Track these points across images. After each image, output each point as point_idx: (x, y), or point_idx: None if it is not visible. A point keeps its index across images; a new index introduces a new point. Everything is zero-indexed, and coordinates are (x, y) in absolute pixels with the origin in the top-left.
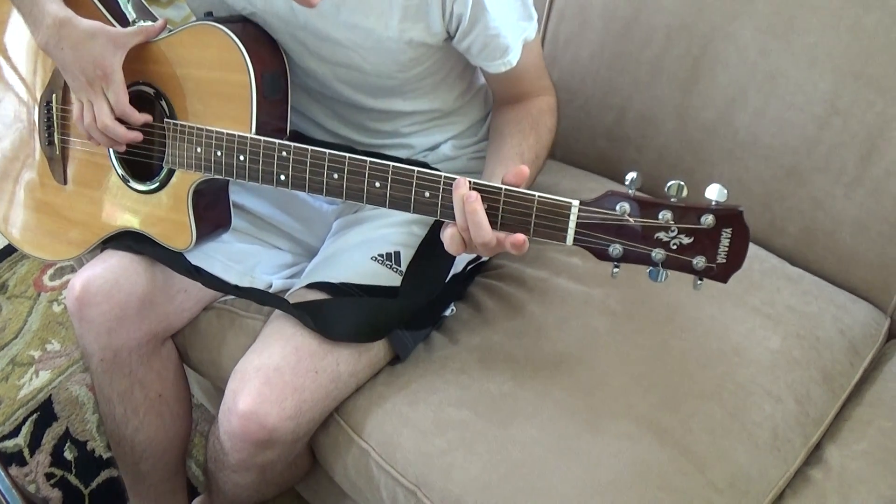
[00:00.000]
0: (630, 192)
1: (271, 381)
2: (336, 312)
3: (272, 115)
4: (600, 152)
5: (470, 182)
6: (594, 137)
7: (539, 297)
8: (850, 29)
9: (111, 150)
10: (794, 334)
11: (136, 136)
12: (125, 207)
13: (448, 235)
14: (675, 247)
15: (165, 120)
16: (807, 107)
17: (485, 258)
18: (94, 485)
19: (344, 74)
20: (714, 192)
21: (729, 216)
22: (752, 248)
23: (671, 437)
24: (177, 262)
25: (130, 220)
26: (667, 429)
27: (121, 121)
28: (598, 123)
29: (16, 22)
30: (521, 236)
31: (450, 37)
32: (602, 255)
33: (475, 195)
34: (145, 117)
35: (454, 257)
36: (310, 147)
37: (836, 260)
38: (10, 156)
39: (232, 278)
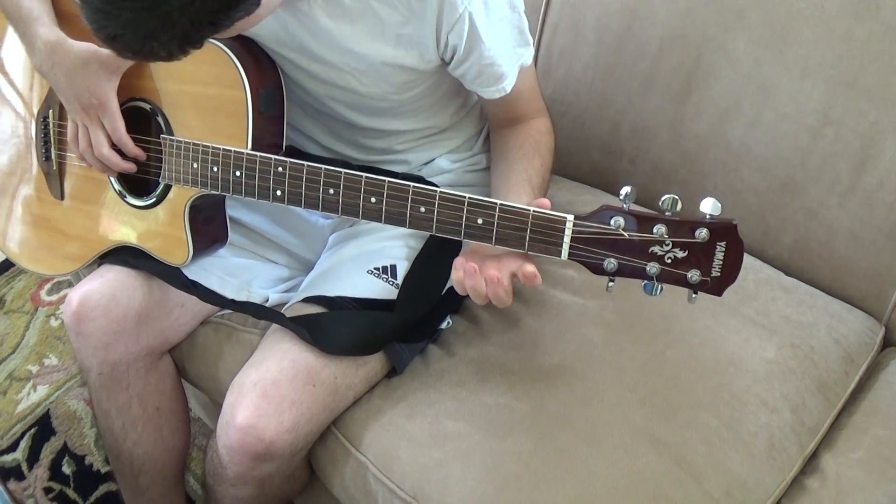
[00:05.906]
0: (625, 206)
1: (269, 394)
2: (333, 326)
3: (268, 131)
4: (594, 164)
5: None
6: (588, 150)
7: (535, 310)
8: (842, 39)
9: None
10: (789, 344)
11: (131, 167)
12: (122, 222)
13: (457, 281)
14: (669, 260)
15: (162, 136)
16: (800, 117)
17: None
18: (92, 499)
19: (338, 94)
20: (708, 206)
21: (723, 230)
22: (747, 259)
23: (667, 448)
24: (173, 276)
25: (127, 235)
26: (662, 439)
27: (116, 149)
28: (593, 136)
29: (12, 37)
30: (531, 268)
31: (445, 63)
32: (597, 270)
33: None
34: (139, 152)
35: (450, 270)
36: (306, 163)
37: (831, 269)
38: (7, 171)
39: (228, 293)
